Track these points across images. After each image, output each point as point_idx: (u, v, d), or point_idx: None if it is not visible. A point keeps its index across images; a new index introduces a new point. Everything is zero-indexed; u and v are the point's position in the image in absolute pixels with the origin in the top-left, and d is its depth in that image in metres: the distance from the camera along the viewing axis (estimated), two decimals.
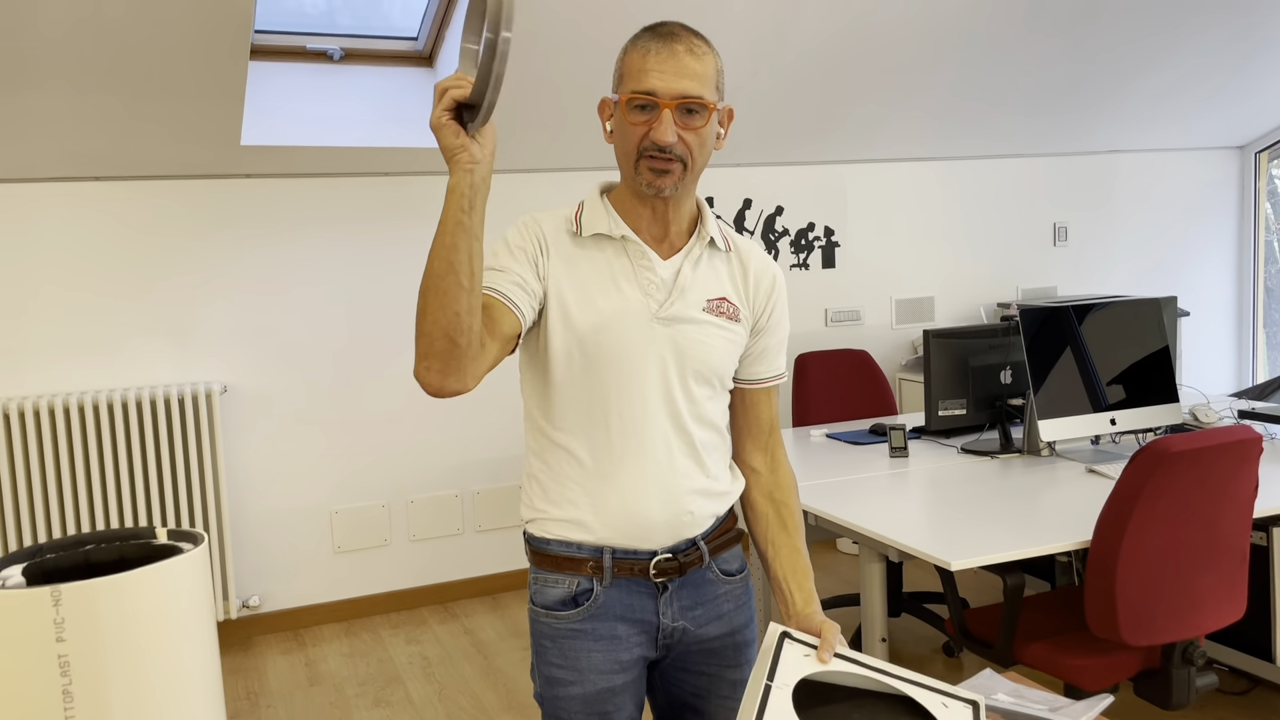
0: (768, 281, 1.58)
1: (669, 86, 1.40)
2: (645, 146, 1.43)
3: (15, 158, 3.43)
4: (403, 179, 4.06)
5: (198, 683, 0.90)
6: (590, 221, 1.50)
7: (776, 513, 1.59)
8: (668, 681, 1.60)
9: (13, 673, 0.86)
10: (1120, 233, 5.52)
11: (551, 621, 1.52)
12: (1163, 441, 2.14)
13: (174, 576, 0.89)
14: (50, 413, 3.54)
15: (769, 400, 1.63)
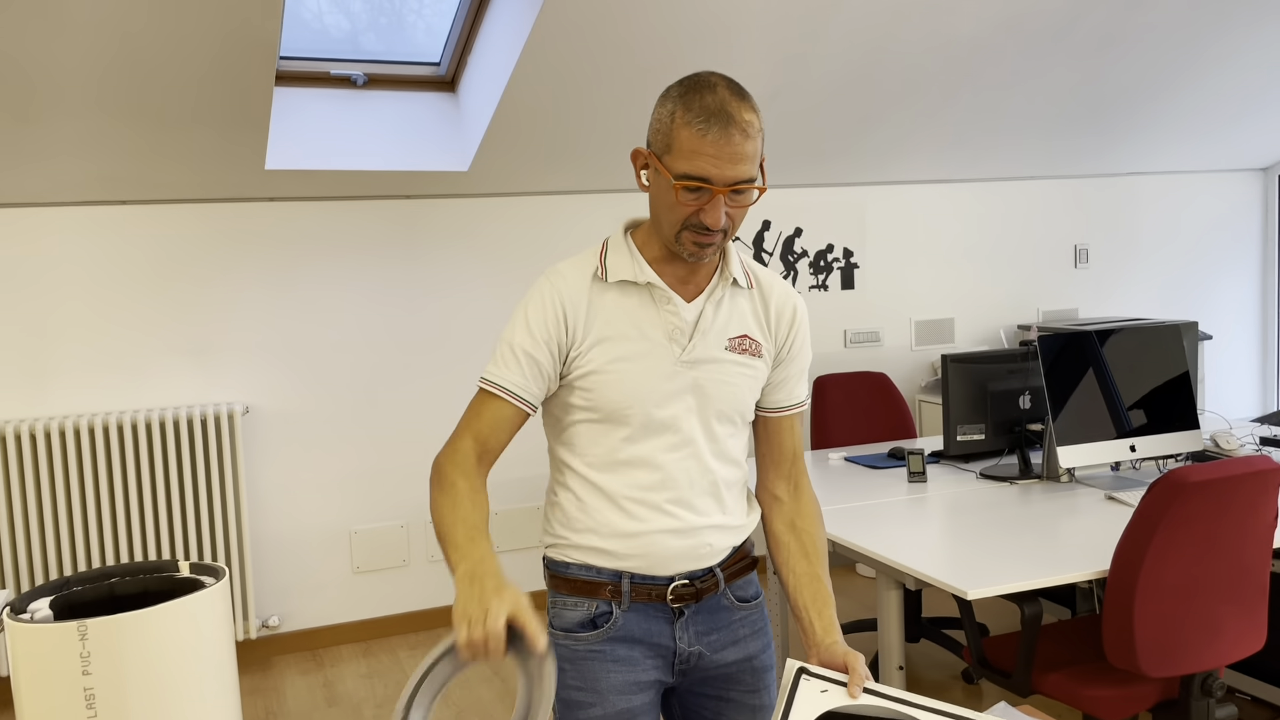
0: (789, 313, 1.60)
1: (723, 174, 1.39)
2: (693, 223, 1.43)
3: (45, 182, 3.49)
4: (424, 202, 4.10)
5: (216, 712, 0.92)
6: (616, 267, 1.51)
7: (798, 540, 1.60)
8: (685, 708, 1.62)
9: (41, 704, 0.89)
10: (1142, 255, 5.49)
11: (570, 644, 1.53)
12: (1180, 472, 2.13)
13: (196, 610, 0.91)
14: (75, 433, 3.59)
15: (792, 428, 1.64)
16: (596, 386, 1.49)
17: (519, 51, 3.37)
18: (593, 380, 1.49)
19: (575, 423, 1.52)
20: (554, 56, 3.43)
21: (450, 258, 4.15)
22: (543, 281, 1.52)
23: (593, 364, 1.49)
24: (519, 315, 1.51)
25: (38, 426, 3.54)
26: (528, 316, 1.49)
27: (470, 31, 3.75)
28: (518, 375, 1.49)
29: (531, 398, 1.50)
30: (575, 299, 1.50)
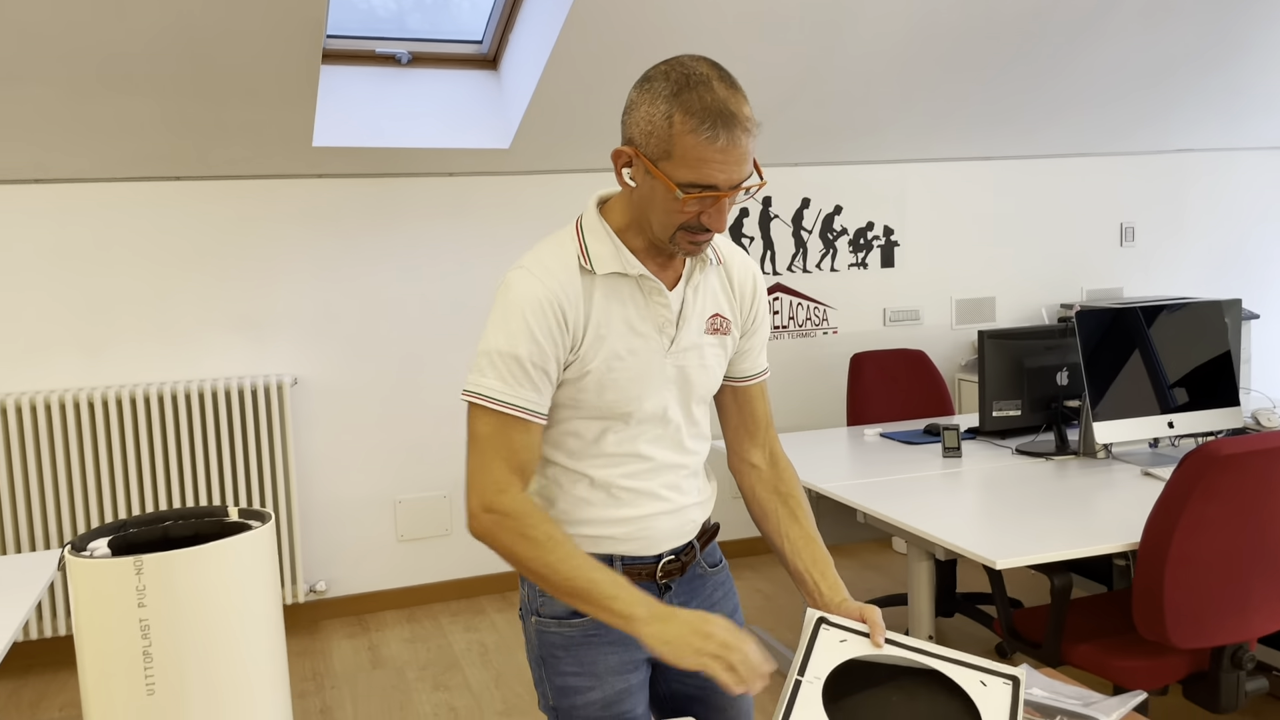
0: (750, 284, 1.59)
1: (730, 178, 1.33)
2: (693, 225, 1.38)
3: (101, 158, 3.60)
4: (466, 179, 4.16)
5: (263, 645, 0.98)
6: (601, 258, 1.44)
7: (785, 505, 1.61)
8: (670, 679, 1.63)
9: (100, 634, 0.96)
10: (1189, 233, 5.42)
11: (565, 630, 1.52)
12: (1214, 444, 2.14)
13: (244, 550, 0.98)
14: (131, 402, 3.71)
15: (763, 396, 1.65)
16: (591, 387, 1.45)
17: (559, 30, 3.41)
18: (587, 381, 1.44)
19: (562, 420, 1.48)
20: (593, 34, 3.47)
21: (492, 234, 4.21)
22: (531, 282, 1.41)
23: (588, 365, 1.44)
24: (518, 326, 1.40)
25: (95, 395, 3.66)
26: (530, 326, 1.39)
27: (512, 10, 3.79)
28: (532, 392, 1.41)
29: (546, 408, 1.44)
30: (571, 299, 1.42)
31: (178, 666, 0.97)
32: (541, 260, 1.44)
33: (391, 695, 3.40)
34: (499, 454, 1.40)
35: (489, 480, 1.40)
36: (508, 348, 1.40)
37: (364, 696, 3.40)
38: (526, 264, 1.44)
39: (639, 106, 1.36)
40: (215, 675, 0.98)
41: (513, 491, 1.40)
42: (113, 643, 0.97)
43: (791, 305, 4.70)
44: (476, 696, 3.36)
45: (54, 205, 3.69)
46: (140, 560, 0.96)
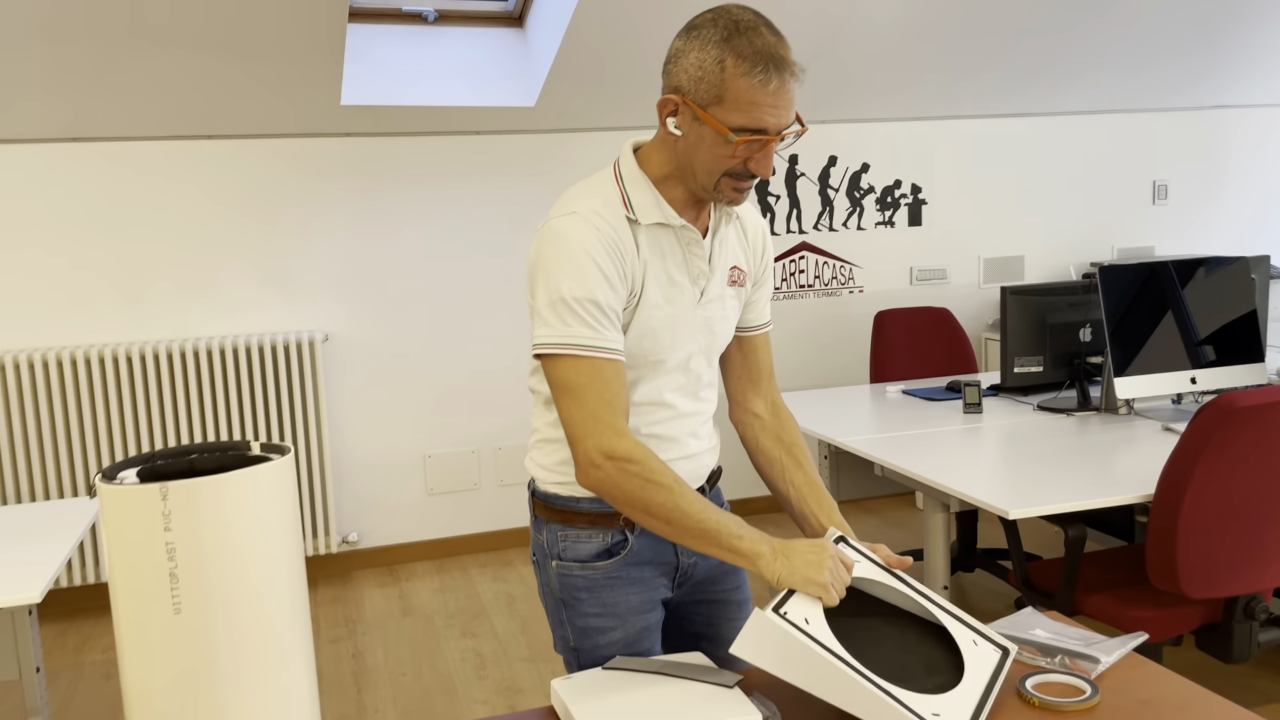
0: (760, 236, 1.63)
1: (779, 122, 1.36)
2: (738, 172, 1.40)
3: (133, 117, 3.67)
4: (493, 137, 4.19)
5: (282, 567, 1.04)
6: (643, 208, 1.45)
7: (789, 453, 1.64)
8: (679, 618, 1.69)
9: (129, 556, 1.01)
10: (1224, 191, 5.34)
11: (587, 574, 1.55)
12: (1230, 396, 2.14)
13: (264, 479, 1.04)
14: (168, 357, 3.81)
15: (767, 346, 1.68)
16: (631, 335, 1.46)
17: None
18: (629, 330, 1.46)
19: None
20: None
21: (519, 191, 4.25)
22: (590, 229, 1.40)
23: (632, 313, 1.45)
24: (589, 269, 1.39)
25: (134, 350, 3.76)
26: (602, 269, 1.39)
27: None
28: (616, 334, 1.41)
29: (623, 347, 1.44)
30: (627, 247, 1.43)
31: (202, 587, 1.03)
32: (593, 207, 1.43)
33: (420, 642, 3.49)
34: (603, 399, 1.38)
35: (603, 427, 1.37)
36: (584, 293, 1.38)
37: (394, 642, 3.50)
38: (578, 210, 1.43)
39: (687, 54, 1.37)
40: (237, 595, 1.04)
41: (629, 436, 1.38)
42: (141, 565, 1.03)
43: (817, 264, 4.70)
44: (503, 643, 3.44)
45: (91, 164, 3.77)
46: (165, 487, 1.02)
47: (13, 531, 2.37)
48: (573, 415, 1.40)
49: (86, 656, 3.47)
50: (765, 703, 1.35)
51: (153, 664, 1.04)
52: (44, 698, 2.19)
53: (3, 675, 2.14)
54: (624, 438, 1.38)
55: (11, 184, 3.71)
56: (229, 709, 1.06)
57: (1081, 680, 1.40)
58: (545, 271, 1.42)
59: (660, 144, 1.48)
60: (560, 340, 1.40)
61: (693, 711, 1.28)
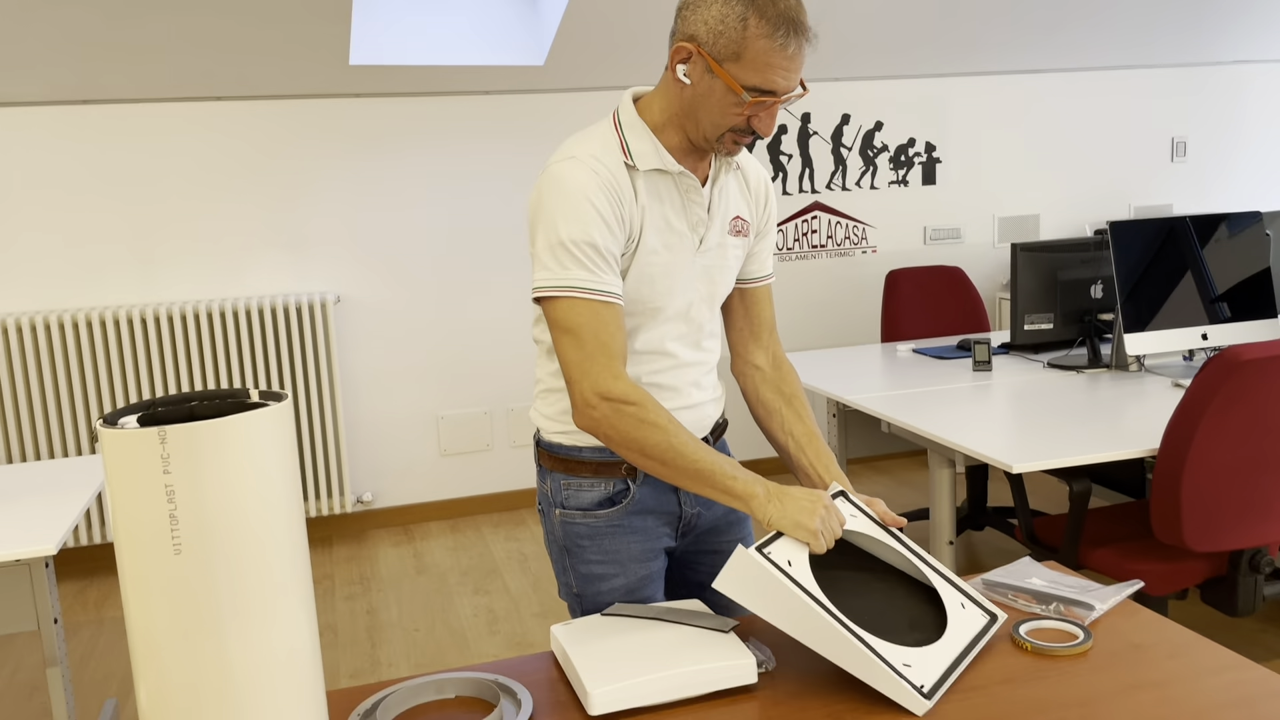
0: (764, 187, 1.63)
1: (789, 84, 1.39)
2: (741, 128, 1.42)
3: (144, 79, 3.68)
4: (502, 97, 4.18)
5: (280, 509, 1.06)
6: (642, 154, 1.46)
7: (788, 404, 1.64)
8: (683, 567, 1.70)
9: (130, 498, 1.04)
10: (1244, 148, 5.27)
11: (590, 521, 1.57)
12: (1236, 349, 2.13)
13: (262, 423, 1.05)
14: (182, 318, 3.84)
15: (769, 298, 1.68)
16: (630, 282, 1.47)
17: None
18: (628, 276, 1.47)
19: None
20: None
21: (529, 151, 4.24)
22: (588, 173, 1.41)
23: (630, 259, 1.46)
24: (587, 212, 1.40)
25: (148, 312, 3.80)
26: (601, 212, 1.40)
27: None
28: (614, 277, 1.42)
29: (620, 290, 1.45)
30: (625, 192, 1.44)
31: (202, 529, 1.05)
32: (591, 152, 1.44)
33: (434, 599, 3.54)
34: (600, 341, 1.39)
35: (600, 369, 1.38)
36: (582, 236, 1.39)
37: (408, 599, 3.54)
38: (577, 155, 1.43)
39: (709, 5, 1.37)
40: (236, 536, 1.06)
41: (625, 378, 1.39)
42: (140, 507, 1.05)
43: (830, 224, 4.68)
44: (515, 600, 3.48)
45: (101, 126, 3.79)
46: (164, 431, 1.03)
47: (29, 487, 2.42)
48: (570, 357, 1.41)
49: (106, 612, 3.54)
50: (760, 648, 1.37)
51: (155, 604, 1.07)
52: (63, 649, 2.24)
53: (22, 626, 2.19)
54: (620, 380, 1.39)
55: (22, 147, 3.73)
56: (231, 646, 1.08)
57: (1075, 626, 1.41)
58: (544, 216, 1.43)
59: (663, 91, 1.48)
60: (558, 283, 1.41)
61: (689, 655, 1.30)
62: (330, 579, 3.76)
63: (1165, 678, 1.27)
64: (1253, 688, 1.24)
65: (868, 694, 1.25)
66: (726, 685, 1.28)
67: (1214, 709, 1.20)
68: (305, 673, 1.10)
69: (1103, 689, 1.25)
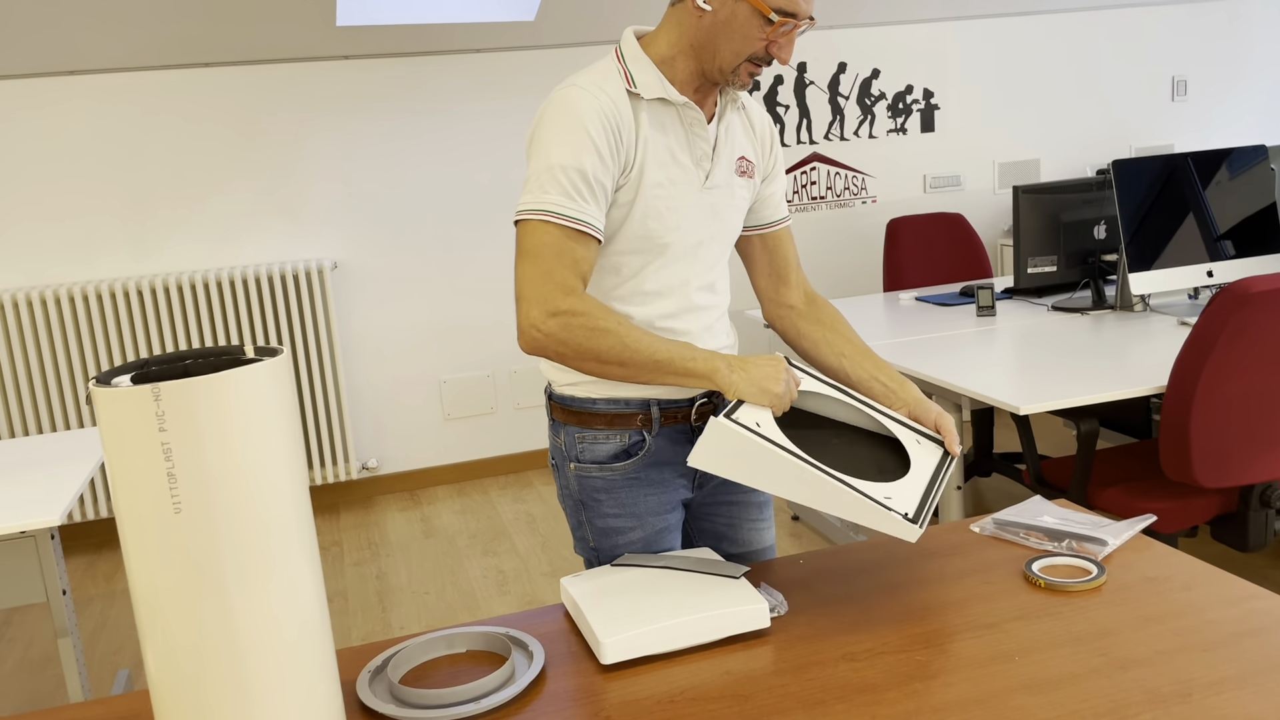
0: (767, 129, 1.61)
1: (808, 8, 1.39)
2: (759, 57, 1.41)
3: (129, 48, 3.62)
4: (494, 55, 4.12)
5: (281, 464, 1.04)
6: (646, 84, 1.44)
7: (832, 328, 1.62)
8: (699, 518, 1.68)
9: (126, 458, 1.02)
10: (1246, 84, 5.20)
11: (606, 475, 1.55)
12: (1244, 282, 2.11)
13: (258, 378, 1.04)
14: (178, 289, 3.81)
15: (790, 240, 1.67)
16: (635, 215, 1.44)
17: None
18: (633, 209, 1.44)
19: (603, 254, 1.47)
20: None
21: (522, 109, 4.19)
22: (588, 98, 1.39)
23: (634, 190, 1.43)
24: (581, 140, 1.37)
25: (143, 283, 3.77)
26: (594, 139, 1.37)
27: None
28: (596, 208, 1.39)
29: (603, 224, 1.42)
30: (625, 119, 1.41)
31: (201, 486, 1.04)
32: (594, 80, 1.42)
33: (443, 561, 3.54)
34: (561, 262, 1.35)
35: (553, 285, 1.35)
36: (572, 161, 1.37)
37: (417, 562, 3.55)
38: (579, 82, 1.41)
39: None
40: (237, 493, 1.04)
41: (579, 292, 1.36)
42: (138, 466, 1.04)
43: (829, 175, 4.64)
44: (524, 560, 3.49)
45: (90, 97, 3.74)
46: (158, 388, 1.01)
47: (30, 461, 2.41)
48: (525, 274, 1.37)
49: (117, 585, 3.55)
50: (771, 593, 1.36)
51: (157, 564, 1.05)
52: (72, 620, 2.24)
53: (31, 598, 2.19)
54: (572, 293, 1.36)
55: (8, 121, 3.69)
56: (234, 603, 1.07)
57: (1088, 561, 1.40)
58: (539, 141, 1.41)
59: (672, 25, 1.47)
60: (535, 206, 1.38)
61: (701, 601, 1.29)
62: (339, 545, 3.77)
63: (1179, 609, 1.26)
64: (1267, 617, 1.23)
65: (878, 634, 1.24)
66: (739, 630, 1.27)
67: (1230, 639, 1.19)
68: (313, 629, 1.09)
69: (1117, 622, 1.24)
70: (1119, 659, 1.16)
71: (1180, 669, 1.13)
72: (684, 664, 1.23)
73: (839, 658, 1.20)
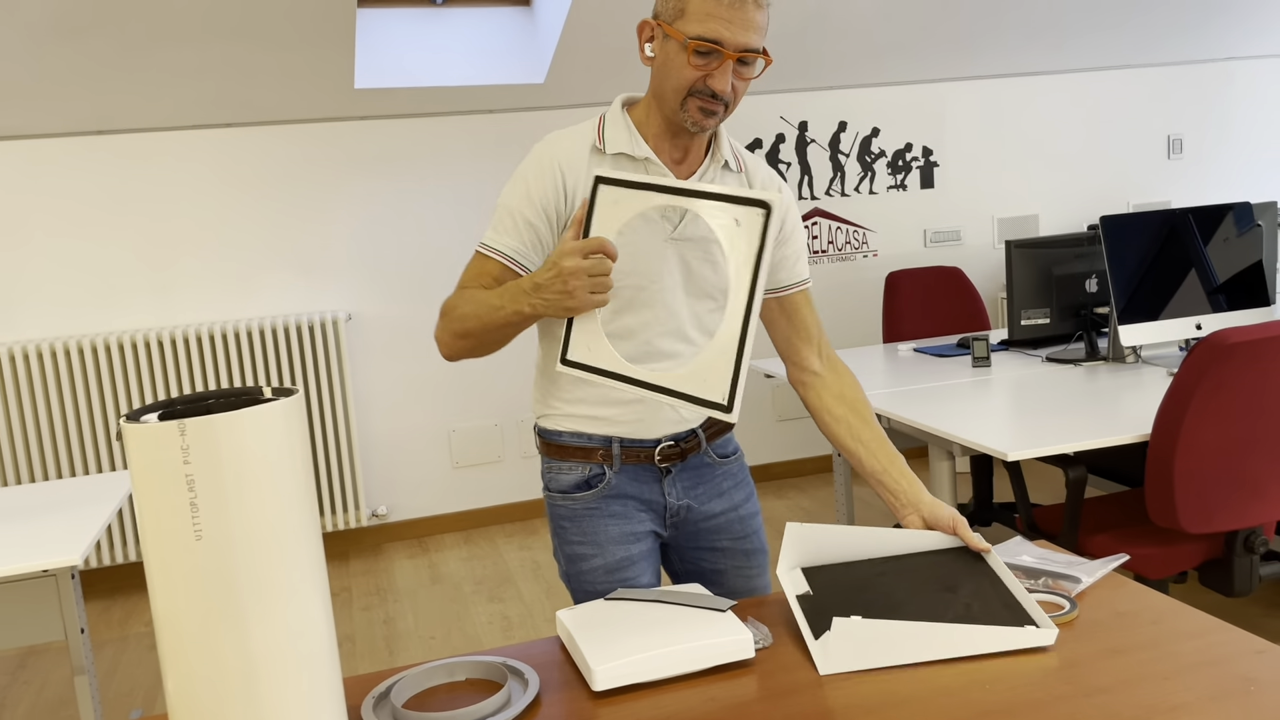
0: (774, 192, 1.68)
1: (735, 38, 1.43)
2: (699, 89, 1.47)
3: (154, 108, 3.78)
4: (505, 115, 4.27)
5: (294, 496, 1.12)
6: (613, 139, 1.54)
7: (854, 410, 1.64)
8: (685, 560, 1.74)
9: (152, 489, 1.10)
10: (1240, 143, 5.31)
11: (569, 504, 1.65)
12: (1222, 333, 2.18)
13: (276, 416, 1.12)
14: (198, 340, 3.93)
15: (808, 303, 1.69)
16: None
17: None
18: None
19: None
20: None
21: None
22: (542, 148, 1.54)
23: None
24: (518, 182, 1.53)
25: (164, 334, 3.88)
26: (527, 182, 1.52)
27: None
28: (515, 241, 1.53)
29: (529, 264, 1.54)
30: (575, 167, 1.52)
31: (221, 515, 1.12)
32: (557, 135, 1.58)
33: (449, 607, 3.60)
34: (469, 284, 1.54)
35: (454, 295, 1.54)
36: (506, 202, 1.55)
37: (424, 608, 3.60)
38: (549, 135, 1.59)
39: None
40: (254, 522, 1.12)
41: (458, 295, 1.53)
42: (163, 496, 1.12)
43: (830, 229, 4.74)
44: (528, 606, 3.54)
45: (115, 155, 3.89)
46: (184, 424, 1.10)
47: (52, 504, 2.49)
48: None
49: (131, 629, 3.61)
50: (757, 626, 1.43)
51: (178, 588, 1.13)
52: (89, 658, 2.31)
53: (49, 636, 2.26)
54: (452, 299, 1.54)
55: (40, 177, 3.83)
56: (250, 626, 1.14)
57: (1061, 598, 1.46)
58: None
59: (647, 87, 1.61)
60: (484, 239, 1.58)
61: (689, 632, 1.36)
62: (348, 591, 3.83)
63: (1145, 641, 1.32)
64: (1227, 648, 1.29)
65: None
66: (725, 660, 1.33)
67: (1189, 668, 1.25)
68: (323, 653, 1.16)
69: (1086, 653, 1.30)
70: (1085, 687, 1.22)
71: (1143, 696, 1.19)
72: (672, 692, 1.29)
73: (817, 684, 1.27)
